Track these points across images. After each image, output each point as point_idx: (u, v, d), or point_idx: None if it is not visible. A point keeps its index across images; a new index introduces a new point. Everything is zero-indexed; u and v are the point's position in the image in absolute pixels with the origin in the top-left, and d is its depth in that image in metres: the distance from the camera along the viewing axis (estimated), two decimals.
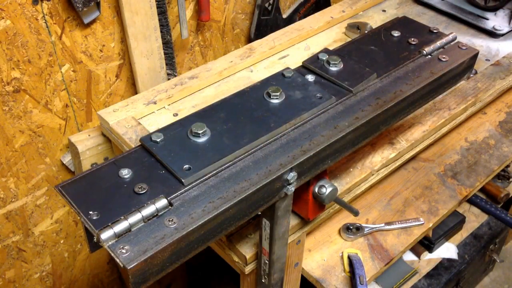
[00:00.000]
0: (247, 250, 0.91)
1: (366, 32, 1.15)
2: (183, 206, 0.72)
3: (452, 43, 1.06)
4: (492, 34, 1.47)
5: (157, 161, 0.78)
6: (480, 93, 1.22)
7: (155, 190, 0.73)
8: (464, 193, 1.18)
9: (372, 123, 0.90)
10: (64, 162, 1.29)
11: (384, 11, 1.51)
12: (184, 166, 0.75)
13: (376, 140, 1.10)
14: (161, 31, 1.26)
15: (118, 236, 0.67)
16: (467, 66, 1.06)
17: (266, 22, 1.49)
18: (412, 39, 1.05)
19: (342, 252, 1.10)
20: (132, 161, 0.78)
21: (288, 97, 0.89)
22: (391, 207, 1.16)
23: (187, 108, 1.07)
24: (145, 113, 1.05)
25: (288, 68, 0.96)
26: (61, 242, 1.43)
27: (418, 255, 1.70)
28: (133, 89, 1.34)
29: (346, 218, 1.15)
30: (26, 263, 1.39)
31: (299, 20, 1.52)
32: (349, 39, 1.30)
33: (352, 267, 1.05)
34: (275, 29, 1.46)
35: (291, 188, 0.81)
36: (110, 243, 0.66)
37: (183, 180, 0.74)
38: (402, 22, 1.12)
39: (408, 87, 0.95)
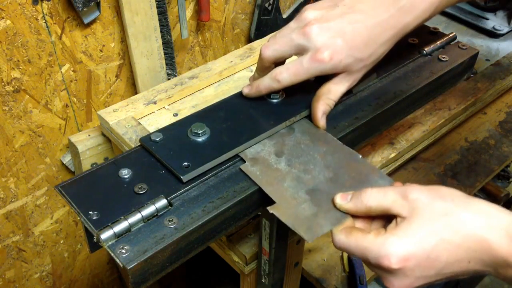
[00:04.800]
0: (247, 250, 0.91)
1: None
2: (183, 206, 0.72)
3: (452, 43, 1.06)
4: (492, 34, 1.47)
5: (157, 161, 0.78)
6: (480, 93, 1.22)
7: (155, 190, 0.73)
8: None
9: (372, 123, 0.90)
10: (64, 162, 1.29)
11: None
12: (183, 164, 0.75)
13: (376, 140, 1.10)
14: (161, 31, 1.25)
15: (118, 236, 0.67)
16: (467, 66, 1.06)
17: (266, 22, 1.49)
18: (412, 39, 1.05)
19: (342, 252, 1.10)
20: (132, 161, 0.78)
21: (288, 97, 0.89)
22: None
23: (187, 108, 1.07)
24: (145, 113, 1.05)
25: None
26: (61, 242, 1.43)
27: None
28: (133, 89, 1.33)
29: None
30: (26, 263, 1.39)
31: None
32: None
33: (352, 267, 1.05)
34: (275, 29, 1.46)
35: None
36: (110, 243, 0.66)
37: (182, 177, 0.74)
38: None
39: (408, 87, 0.95)
